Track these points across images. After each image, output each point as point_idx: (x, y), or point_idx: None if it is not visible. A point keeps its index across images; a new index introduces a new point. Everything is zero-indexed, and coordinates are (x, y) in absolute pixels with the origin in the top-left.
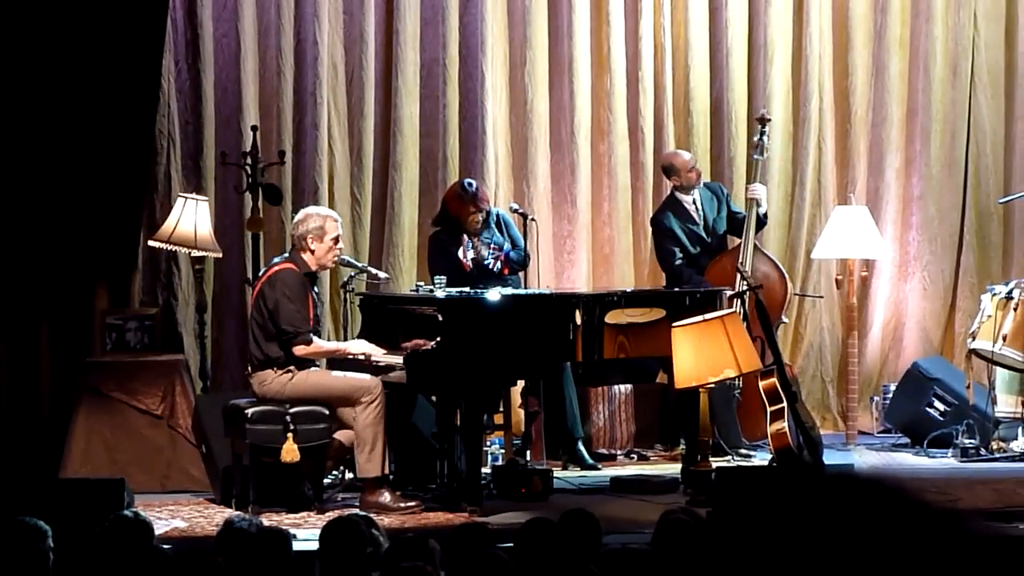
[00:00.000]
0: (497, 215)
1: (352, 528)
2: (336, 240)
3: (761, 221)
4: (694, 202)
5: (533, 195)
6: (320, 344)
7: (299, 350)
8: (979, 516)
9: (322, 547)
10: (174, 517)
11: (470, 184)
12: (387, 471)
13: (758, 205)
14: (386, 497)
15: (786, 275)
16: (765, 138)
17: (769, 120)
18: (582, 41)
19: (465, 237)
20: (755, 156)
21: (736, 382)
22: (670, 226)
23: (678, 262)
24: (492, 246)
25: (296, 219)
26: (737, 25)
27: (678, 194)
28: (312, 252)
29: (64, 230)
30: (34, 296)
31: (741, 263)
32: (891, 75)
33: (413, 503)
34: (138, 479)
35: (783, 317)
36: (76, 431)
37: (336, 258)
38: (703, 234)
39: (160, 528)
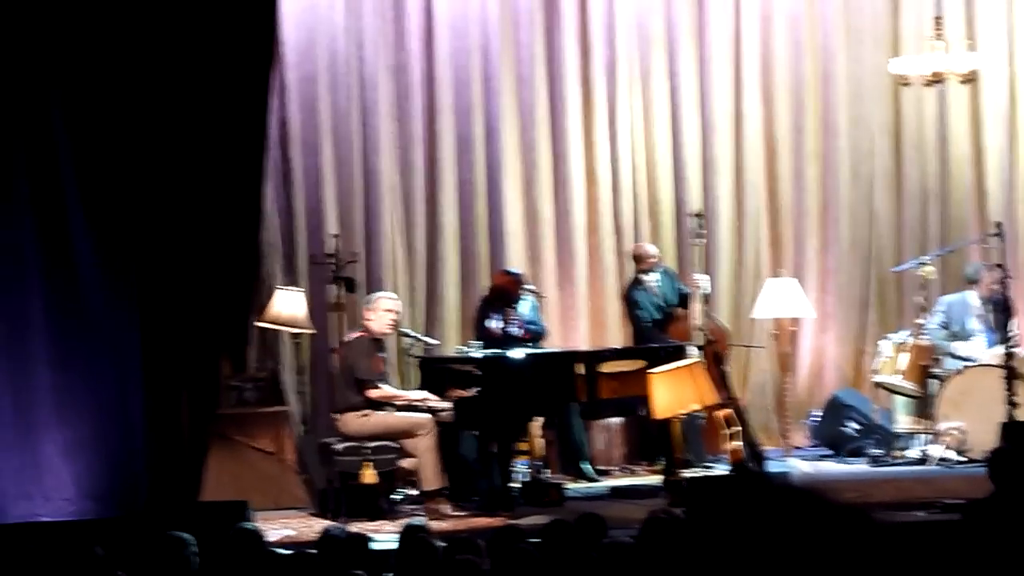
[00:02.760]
0: (531, 297)
1: (422, 530)
2: (388, 311)
3: (705, 299)
4: (654, 281)
5: (543, 277)
6: (387, 390)
7: (371, 393)
8: (884, 507)
9: (401, 544)
10: (285, 527)
11: (516, 271)
12: (443, 485)
13: (700, 290)
14: (444, 506)
15: (727, 331)
16: (701, 227)
17: (703, 215)
18: (576, 162)
19: (495, 312)
20: (694, 242)
21: (701, 412)
22: (637, 299)
23: (645, 325)
24: (517, 319)
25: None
26: (691, 146)
27: (642, 275)
28: (371, 321)
29: (197, 319)
30: (177, 368)
31: (700, 325)
32: (808, 179)
33: (464, 513)
34: (256, 500)
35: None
36: (210, 466)
37: (393, 326)
38: (662, 304)
39: (275, 535)
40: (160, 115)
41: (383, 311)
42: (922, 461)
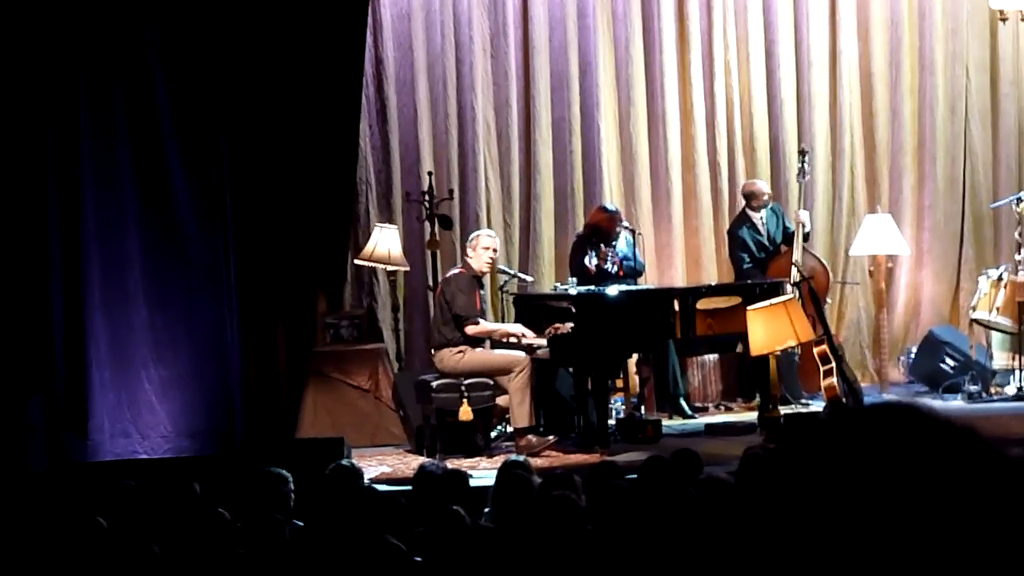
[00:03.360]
0: (626, 233)
1: (520, 466)
2: (487, 248)
3: (806, 236)
4: (761, 219)
5: (639, 215)
6: (485, 325)
7: (470, 329)
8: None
9: (499, 481)
10: (381, 464)
11: (612, 208)
12: (533, 422)
13: (804, 227)
14: (532, 440)
15: (828, 268)
16: (806, 165)
17: (808, 151)
18: (671, 99)
19: (591, 249)
20: (799, 179)
21: (796, 349)
22: (743, 237)
23: (746, 266)
24: (615, 256)
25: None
26: (787, 82)
27: (750, 212)
28: (471, 258)
29: (293, 256)
30: (273, 305)
31: (796, 261)
32: (904, 115)
33: (550, 438)
34: (353, 437)
35: (827, 299)
36: (306, 403)
37: (491, 263)
38: (766, 243)
39: (371, 472)
40: (256, 53)
41: (482, 248)
42: (1019, 397)
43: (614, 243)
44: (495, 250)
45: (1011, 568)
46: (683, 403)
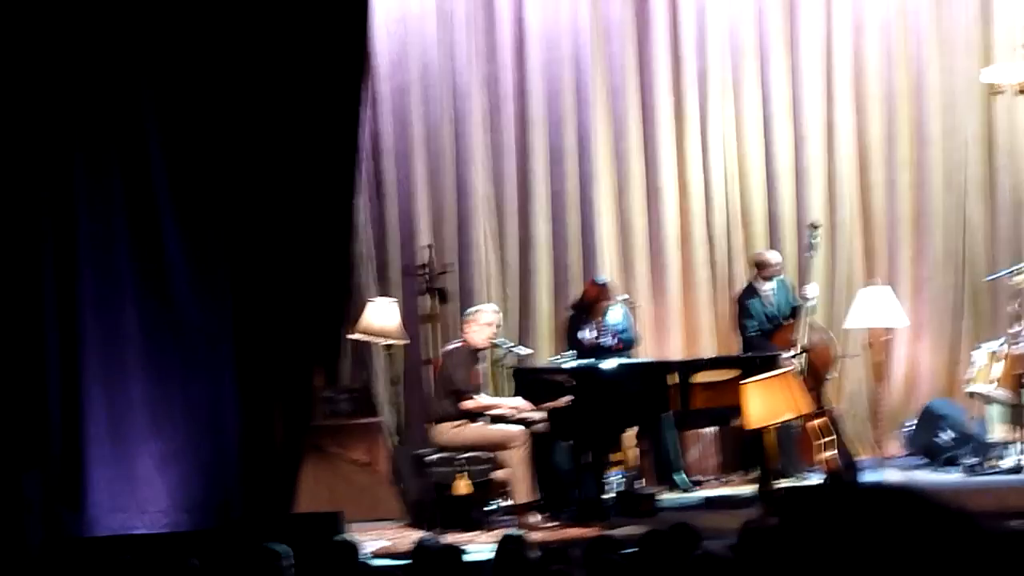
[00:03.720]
0: (621, 305)
1: (518, 541)
2: (488, 324)
3: (810, 309)
4: (770, 290)
5: (635, 288)
6: (482, 400)
7: (466, 404)
8: (982, 516)
9: (498, 555)
10: (380, 538)
11: (603, 281)
12: (534, 497)
13: (808, 301)
14: (535, 517)
15: (833, 342)
16: (815, 240)
17: (819, 226)
18: (668, 173)
19: (585, 323)
20: (807, 253)
21: (796, 422)
22: (749, 307)
23: (751, 334)
24: (610, 330)
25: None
26: (783, 156)
27: (759, 282)
28: (471, 333)
29: (290, 331)
30: (271, 380)
31: (796, 337)
32: (901, 188)
33: (556, 522)
34: (351, 511)
35: (832, 373)
36: (304, 477)
37: (491, 340)
38: (773, 315)
39: (370, 546)
40: (253, 127)
41: (484, 324)
42: (1017, 470)
43: (606, 315)
44: (498, 325)
45: None
46: (681, 476)
